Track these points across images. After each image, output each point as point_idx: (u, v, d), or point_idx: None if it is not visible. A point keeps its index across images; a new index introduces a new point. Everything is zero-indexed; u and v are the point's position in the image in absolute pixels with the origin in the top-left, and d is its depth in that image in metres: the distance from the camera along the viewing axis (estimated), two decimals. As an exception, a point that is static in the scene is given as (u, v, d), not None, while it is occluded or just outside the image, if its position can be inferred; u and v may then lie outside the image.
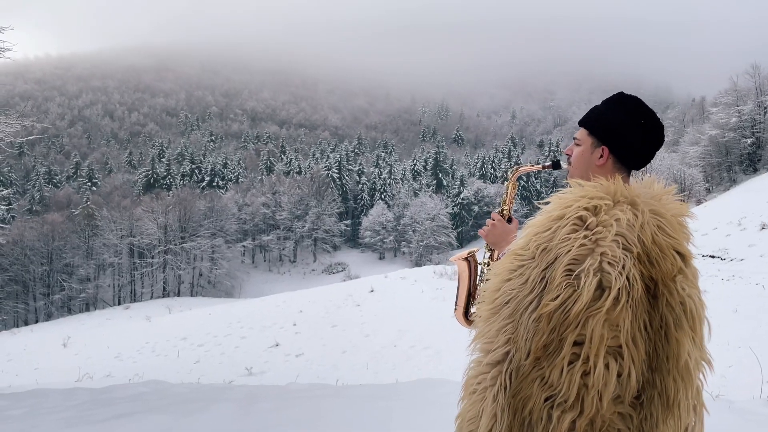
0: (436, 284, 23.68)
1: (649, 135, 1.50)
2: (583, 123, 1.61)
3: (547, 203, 1.41)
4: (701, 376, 1.34)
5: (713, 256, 20.60)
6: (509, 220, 1.89)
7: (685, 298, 1.30)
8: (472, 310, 1.94)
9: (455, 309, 1.97)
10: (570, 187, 1.43)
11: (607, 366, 1.22)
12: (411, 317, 19.19)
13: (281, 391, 5.93)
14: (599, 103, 1.63)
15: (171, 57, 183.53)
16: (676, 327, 1.28)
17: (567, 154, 1.65)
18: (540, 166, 1.88)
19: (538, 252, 1.31)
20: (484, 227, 1.90)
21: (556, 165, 1.83)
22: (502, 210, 1.91)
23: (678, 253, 1.32)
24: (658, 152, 1.57)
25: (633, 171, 1.57)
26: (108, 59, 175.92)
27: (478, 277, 1.96)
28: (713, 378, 1.37)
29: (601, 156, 1.53)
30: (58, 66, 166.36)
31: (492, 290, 1.37)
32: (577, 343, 1.24)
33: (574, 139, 1.63)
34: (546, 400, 1.24)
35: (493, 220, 1.88)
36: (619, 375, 1.24)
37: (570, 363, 1.23)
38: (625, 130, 1.50)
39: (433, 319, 18.37)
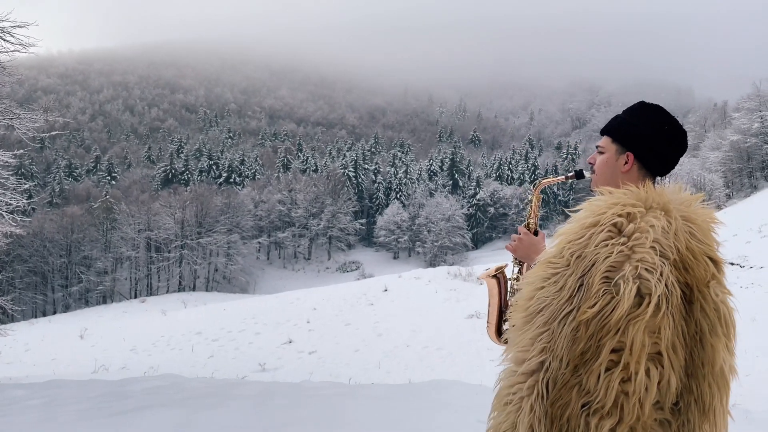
0: (449, 285, 23.63)
1: (673, 141, 1.52)
2: (606, 131, 1.63)
3: (576, 210, 1.40)
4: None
5: (732, 263, 20.31)
6: (536, 233, 1.88)
7: (719, 304, 1.30)
8: (505, 327, 1.90)
9: (487, 326, 1.94)
10: (599, 194, 1.42)
11: (647, 373, 1.22)
12: (424, 317, 19.19)
13: (295, 388, 5.96)
14: (620, 107, 1.65)
15: (191, 54, 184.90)
16: (711, 333, 1.28)
17: (590, 163, 1.66)
18: (563, 177, 1.88)
19: (573, 259, 1.30)
20: (511, 242, 1.88)
21: (579, 175, 1.83)
22: (528, 223, 1.89)
23: (710, 259, 1.32)
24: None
25: (657, 178, 1.57)
26: (129, 55, 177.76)
27: (508, 293, 1.94)
28: (731, 387, 1.37)
29: (626, 162, 1.54)
30: (80, 61, 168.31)
31: (525, 298, 1.36)
32: (615, 350, 1.23)
33: (597, 147, 1.64)
34: (583, 407, 1.23)
35: (520, 234, 1.87)
36: (659, 382, 1.24)
37: (607, 369, 1.23)
38: (650, 135, 1.52)
39: (447, 320, 18.35)
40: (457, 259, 60.86)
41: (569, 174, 1.86)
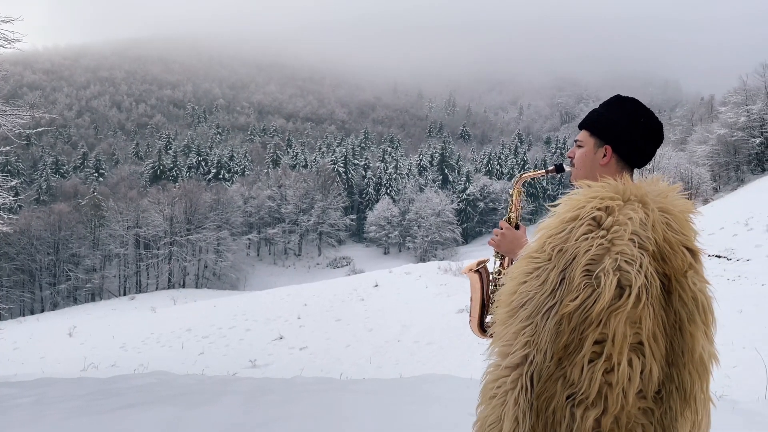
0: (440, 280, 23.68)
1: (649, 133, 1.55)
2: (583, 125, 1.65)
3: (556, 205, 1.42)
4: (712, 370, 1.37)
5: (719, 256, 20.49)
6: (517, 227, 1.88)
7: (697, 293, 1.33)
8: (488, 320, 1.91)
9: (470, 320, 1.95)
10: (578, 188, 1.45)
11: (629, 363, 1.25)
12: (415, 312, 19.22)
13: (286, 384, 5.96)
14: (602, 102, 1.66)
15: (178, 49, 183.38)
16: (690, 321, 1.32)
17: (569, 157, 1.68)
18: (544, 171, 1.90)
19: (554, 253, 1.32)
20: (493, 238, 1.87)
21: (559, 168, 1.86)
22: (510, 218, 1.90)
23: (687, 249, 1.35)
24: (664, 151, 1.60)
25: (635, 170, 1.60)
26: (116, 50, 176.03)
27: (490, 287, 1.94)
28: (717, 378, 1.40)
29: (605, 155, 1.57)
30: (66, 56, 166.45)
31: (508, 293, 1.38)
32: (598, 342, 1.26)
33: (576, 141, 1.67)
34: (568, 398, 1.26)
35: (501, 229, 1.86)
36: (641, 371, 1.27)
37: (590, 361, 1.26)
38: (627, 128, 1.54)
39: (437, 315, 18.39)
40: (447, 254, 60.97)
41: (549, 168, 1.88)
